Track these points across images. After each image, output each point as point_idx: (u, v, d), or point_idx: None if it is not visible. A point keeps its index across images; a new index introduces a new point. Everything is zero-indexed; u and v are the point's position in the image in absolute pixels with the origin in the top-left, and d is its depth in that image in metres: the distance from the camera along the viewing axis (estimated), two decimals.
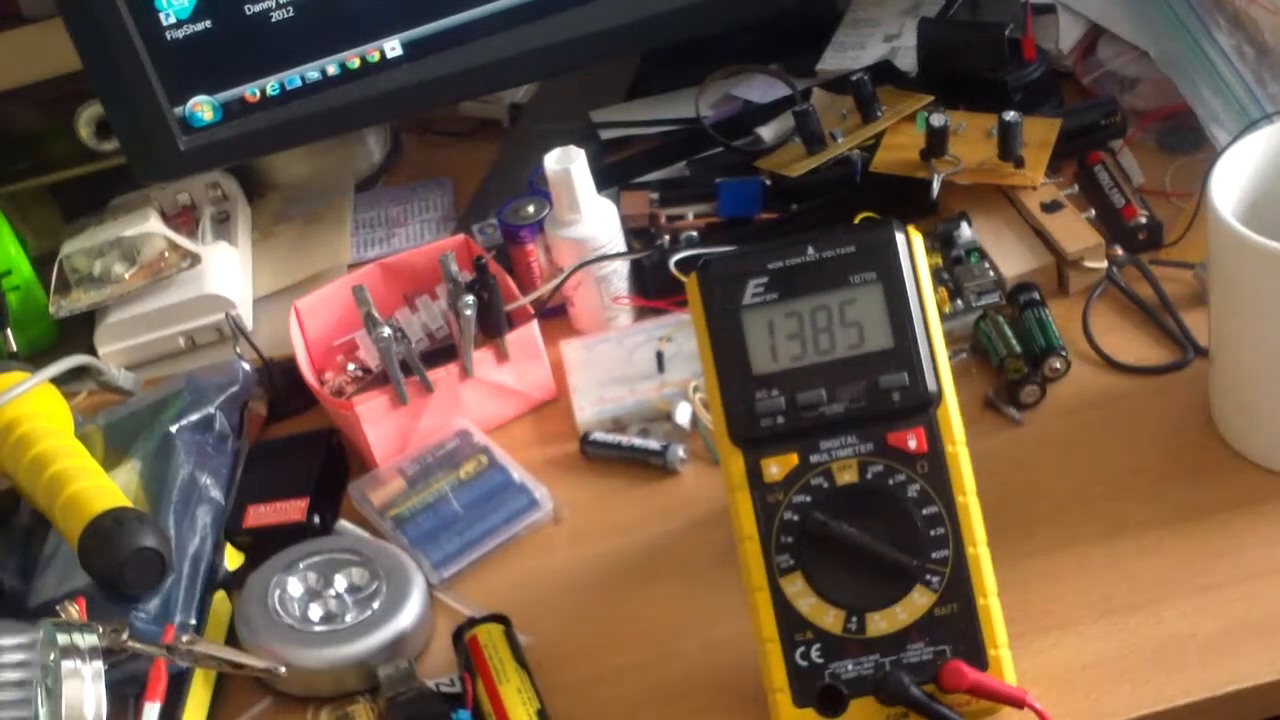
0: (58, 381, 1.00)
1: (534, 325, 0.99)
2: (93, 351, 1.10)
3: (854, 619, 0.71)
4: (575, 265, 1.01)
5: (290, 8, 1.03)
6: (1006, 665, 0.71)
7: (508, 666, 0.79)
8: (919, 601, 0.71)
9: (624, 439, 0.94)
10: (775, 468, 0.72)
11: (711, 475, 0.91)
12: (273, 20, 1.03)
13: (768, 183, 1.06)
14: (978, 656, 0.71)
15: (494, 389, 0.98)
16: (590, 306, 1.03)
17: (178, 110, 1.05)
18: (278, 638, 0.84)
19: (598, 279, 1.02)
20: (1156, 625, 0.76)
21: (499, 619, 0.83)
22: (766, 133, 1.13)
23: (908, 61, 1.14)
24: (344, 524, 0.93)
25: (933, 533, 0.71)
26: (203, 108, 1.05)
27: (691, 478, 0.92)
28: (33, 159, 1.19)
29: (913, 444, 0.72)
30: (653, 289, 1.03)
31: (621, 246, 1.03)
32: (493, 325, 0.97)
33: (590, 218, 1.02)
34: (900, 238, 0.73)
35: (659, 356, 0.98)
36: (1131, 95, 1.10)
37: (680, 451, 0.92)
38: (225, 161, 1.15)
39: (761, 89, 1.18)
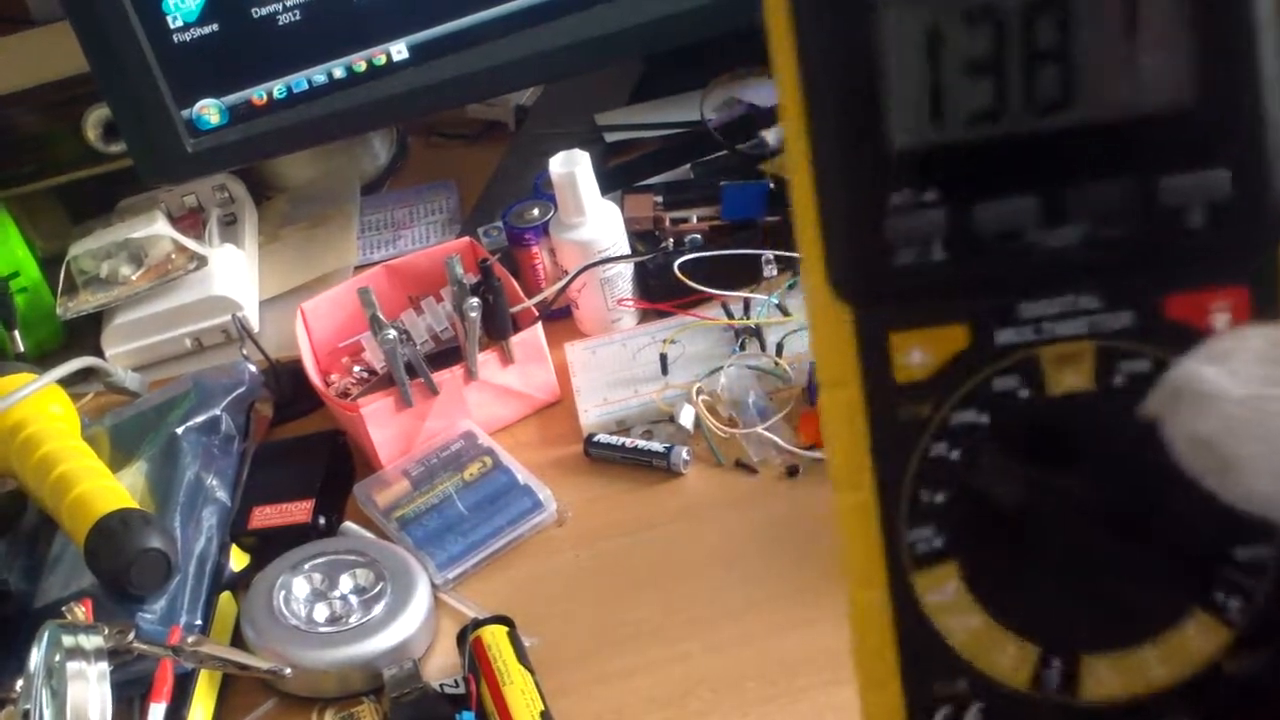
0: (65, 383, 1.00)
1: (538, 327, 0.99)
2: (99, 353, 1.11)
3: (1056, 664, 0.37)
4: (580, 268, 1.01)
5: (297, 11, 1.03)
6: None
7: (511, 668, 0.80)
8: (1198, 642, 0.36)
9: (628, 441, 0.94)
10: (920, 352, 0.36)
11: (715, 477, 0.91)
12: (279, 23, 1.03)
13: (772, 185, 1.06)
14: None
15: (499, 391, 0.99)
16: (594, 309, 1.04)
17: (185, 113, 1.05)
18: (283, 639, 0.84)
19: (602, 281, 1.02)
20: None
21: (503, 620, 0.83)
22: (770, 136, 1.13)
23: None
24: (349, 525, 0.93)
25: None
26: (209, 110, 1.06)
27: (695, 480, 0.93)
28: (40, 161, 1.20)
29: (1220, 321, 0.34)
30: (657, 291, 1.03)
31: (626, 249, 1.03)
32: (497, 327, 0.97)
33: (594, 220, 1.02)
34: None
35: (663, 359, 0.98)
36: None
37: (684, 453, 0.92)
38: (232, 164, 1.15)
39: (765, 92, 1.19)
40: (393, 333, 0.94)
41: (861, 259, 0.35)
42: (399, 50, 1.07)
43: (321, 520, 0.93)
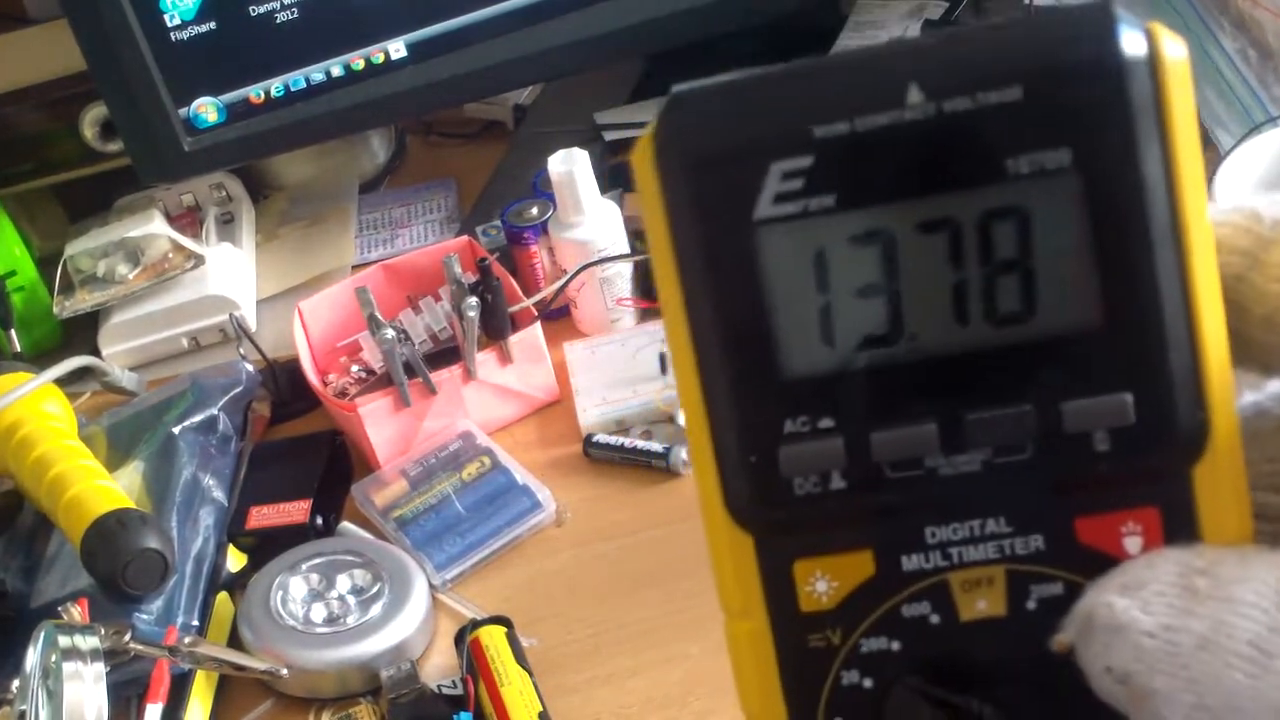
0: (61, 382, 0.99)
1: (537, 327, 0.99)
2: (96, 352, 1.10)
3: None
4: (579, 267, 1.01)
5: (295, 9, 1.03)
6: None
7: (510, 669, 0.79)
8: None
9: (627, 441, 0.94)
10: (824, 581, 0.35)
11: None
12: (277, 21, 1.03)
13: None
14: None
15: (497, 391, 0.98)
16: (594, 308, 1.03)
17: (182, 111, 1.05)
18: (280, 639, 0.84)
19: (601, 281, 1.02)
20: None
21: (501, 621, 0.83)
22: None
23: None
24: (347, 525, 0.93)
25: None
26: (207, 109, 1.05)
27: (695, 480, 0.92)
28: (38, 160, 1.20)
29: (1132, 544, 0.33)
30: (656, 291, 1.03)
31: (625, 248, 1.03)
32: (496, 327, 0.97)
33: (594, 219, 1.01)
34: (1138, 54, 0.30)
35: (662, 358, 0.98)
36: None
37: (683, 454, 0.92)
38: (229, 163, 1.15)
39: None
40: (391, 332, 0.94)
41: (759, 489, 0.34)
42: (397, 49, 1.06)
43: (319, 520, 0.92)
